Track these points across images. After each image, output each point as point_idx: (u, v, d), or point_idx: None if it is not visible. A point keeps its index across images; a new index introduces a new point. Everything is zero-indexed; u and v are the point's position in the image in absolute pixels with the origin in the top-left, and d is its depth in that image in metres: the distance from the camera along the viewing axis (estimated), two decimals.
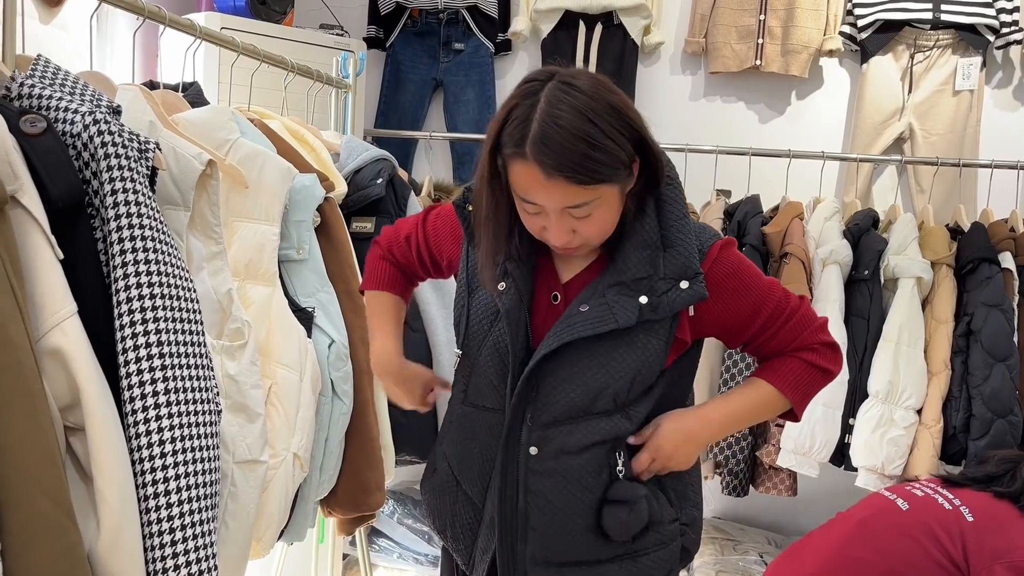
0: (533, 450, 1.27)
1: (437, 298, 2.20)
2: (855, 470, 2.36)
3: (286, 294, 1.67)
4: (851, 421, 2.35)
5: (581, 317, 1.23)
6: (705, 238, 1.28)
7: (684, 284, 1.23)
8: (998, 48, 2.93)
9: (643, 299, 1.22)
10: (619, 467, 1.28)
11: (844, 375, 2.34)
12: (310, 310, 1.71)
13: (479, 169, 1.24)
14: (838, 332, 2.35)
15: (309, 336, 1.68)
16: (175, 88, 1.78)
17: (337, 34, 2.98)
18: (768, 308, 1.29)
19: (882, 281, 2.42)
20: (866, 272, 2.40)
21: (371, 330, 1.55)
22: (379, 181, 2.06)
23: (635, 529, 1.27)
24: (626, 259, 1.25)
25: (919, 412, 2.32)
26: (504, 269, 1.29)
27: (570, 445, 1.26)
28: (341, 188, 1.94)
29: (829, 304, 2.37)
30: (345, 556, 2.88)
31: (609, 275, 1.25)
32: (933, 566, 1.71)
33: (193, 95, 1.79)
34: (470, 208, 1.34)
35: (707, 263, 1.26)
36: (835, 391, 2.32)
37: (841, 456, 2.38)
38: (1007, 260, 2.36)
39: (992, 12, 2.87)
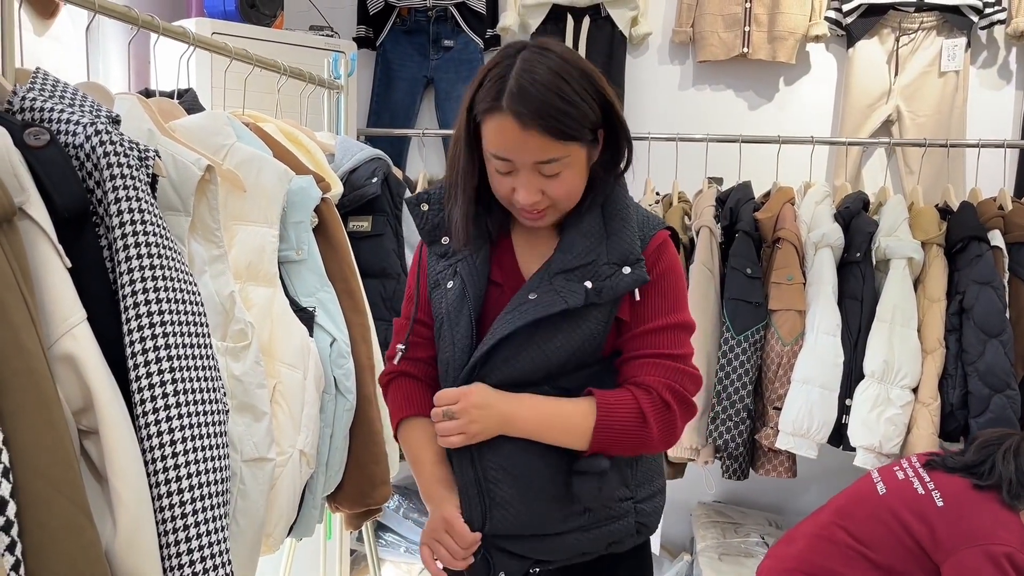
0: None
1: None
2: (853, 450, 2.38)
3: (287, 294, 1.70)
4: (848, 402, 2.38)
5: (530, 304, 1.27)
6: (648, 228, 1.33)
7: (627, 270, 1.28)
8: (982, 28, 2.96)
9: (588, 284, 1.26)
10: None
11: (839, 356, 2.37)
12: (311, 309, 1.74)
13: (455, 131, 1.28)
14: (832, 314, 2.38)
15: (311, 335, 1.70)
16: (170, 95, 1.80)
17: (327, 35, 3.00)
18: (666, 322, 1.30)
19: (874, 263, 2.44)
20: (858, 254, 2.42)
21: (429, 498, 1.37)
22: (374, 180, 2.08)
23: (606, 498, 1.30)
24: (571, 247, 1.29)
25: (915, 391, 2.35)
26: (454, 269, 1.34)
27: None
28: (337, 189, 1.96)
29: (822, 287, 2.40)
30: (352, 552, 2.91)
31: (555, 263, 1.30)
32: (901, 549, 1.79)
33: (189, 102, 1.81)
34: (424, 207, 1.38)
35: (649, 249, 1.31)
36: (831, 372, 2.35)
37: (839, 436, 2.41)
38: (996, 238, 2.39)
39: None
